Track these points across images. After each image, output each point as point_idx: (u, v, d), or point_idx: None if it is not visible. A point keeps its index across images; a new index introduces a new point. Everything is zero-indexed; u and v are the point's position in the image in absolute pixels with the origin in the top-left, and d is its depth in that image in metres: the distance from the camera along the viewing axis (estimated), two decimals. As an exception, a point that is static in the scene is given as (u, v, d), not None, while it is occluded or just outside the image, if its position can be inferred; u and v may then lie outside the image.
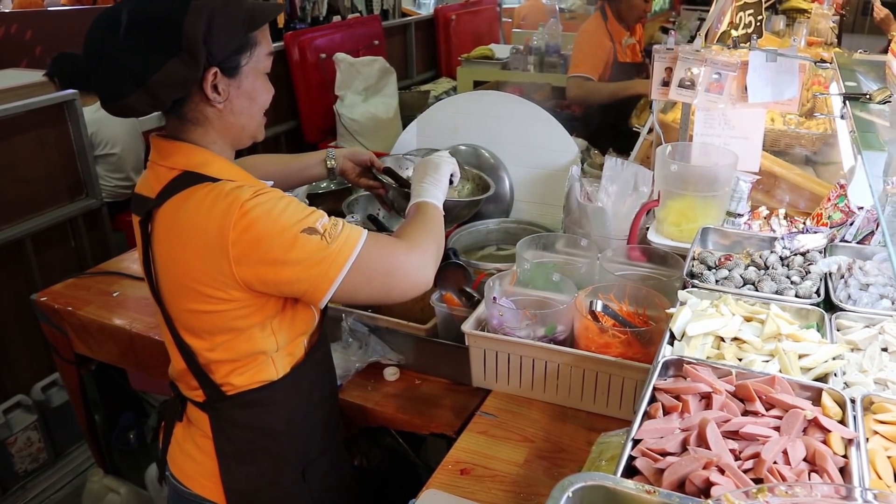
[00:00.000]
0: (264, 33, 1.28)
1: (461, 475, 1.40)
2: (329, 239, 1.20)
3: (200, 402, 1.37)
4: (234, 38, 1.22)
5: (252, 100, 1.29)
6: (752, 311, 1.34)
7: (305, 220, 1.20)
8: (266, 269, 1.19)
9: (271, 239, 1.17)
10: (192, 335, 1.30)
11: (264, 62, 1.28)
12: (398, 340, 1.82)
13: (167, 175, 1.25)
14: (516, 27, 6.82)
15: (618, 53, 3.58)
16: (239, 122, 1.30)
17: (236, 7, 1.22)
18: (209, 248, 1.18)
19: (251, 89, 1.27)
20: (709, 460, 0.88)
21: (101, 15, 1.20)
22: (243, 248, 1.17)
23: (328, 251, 1.19)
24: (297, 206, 1.22)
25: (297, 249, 1.18)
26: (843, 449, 0.96)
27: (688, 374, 1.10)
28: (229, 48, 1.21)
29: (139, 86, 1.16)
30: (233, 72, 1.24)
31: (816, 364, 1.19)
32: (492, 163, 2.26)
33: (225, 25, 1.19)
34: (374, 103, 4.18)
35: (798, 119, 2.36)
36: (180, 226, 1.21)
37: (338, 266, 1.20)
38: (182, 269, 1.23)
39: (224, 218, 1.17)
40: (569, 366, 1.53)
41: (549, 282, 1.70)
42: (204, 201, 1.19)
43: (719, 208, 1.83)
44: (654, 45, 1.99)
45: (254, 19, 1.24)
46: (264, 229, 1.17)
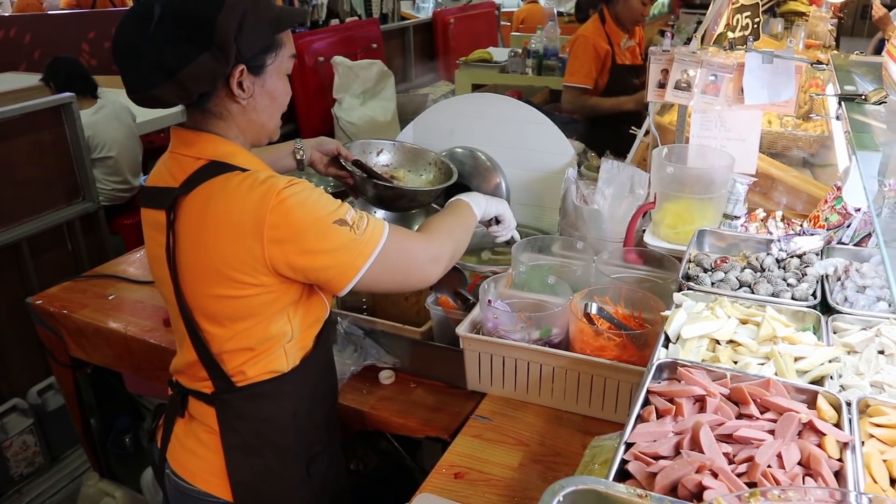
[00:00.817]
0: (288, 36, 1.33)
1: (455, 479, 1.39)
2: (357, 231, 1.26)
3: (207, 395, 1.38)
4: (263, 38, 1.26)
5: (273, 99, 1.33)
6: (747, 313, 1.33)
7: (337, 211, 1.25)
8: (298, 256, 1.24)
9: (306, 227, 1.22)
10: (211, 323, 1.32)
11: (287, 63, 1.33)
12: (393, 343, 1.81)
13: (193, 164, 1.28)
14: (515, 31, 6.84)
15: (616, 56, 3.54)
16: (260, 119, 1.33)
17: (266, 9, 1.26)
18: (244, 233, 1.22)
19: (273, 89, 1.32)
20: (702, 464, 0.87)
21: (132, 9, 1.24)
22: (279, 233, 1.21)
23: (357, 242, 1.26)
24: (327, 198, 1.27)
25: (330, 239, 1.24)
26: (838, 452, 0.95)
27: (682, 376, 1.09)
28: (257, 47, 1.26)
29: (168, 77, 1.19)
30: (258, 70, 1.28)
31: (812, 367, 1.18)
32: (488, 165, 2.25)
33: (255, 25, 1.24)
34: (372, 106, 4.18)
35: (795, 121, 2.35)
36: (214, 211, 1.24)
37: (364, 257, 1.27)
38: (212, 254, 1.25)
39: (261, 204, 1.20)
40: (564, 369, 1.52)
41: (545, 284, 1.69)
42: (240, 188, 1.23)
43: (716, 210, 1.82)
44: (650, 48, 1.98)
45: (280, 21, 1.29)
46: (300, 218, 1.22)
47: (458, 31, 5.73)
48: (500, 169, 2.25)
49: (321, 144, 1.83)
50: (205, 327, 1.33)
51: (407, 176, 2.06)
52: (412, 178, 2.05)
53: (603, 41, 3.51)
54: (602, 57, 3.51)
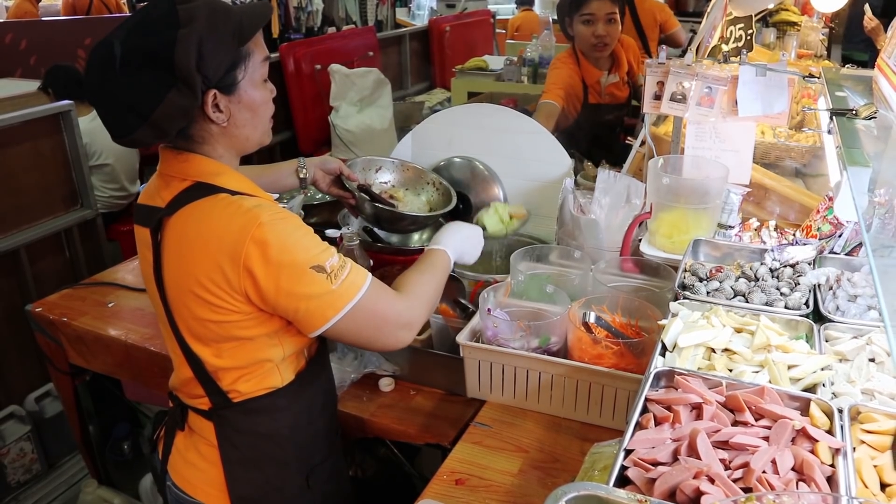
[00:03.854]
0: (256, 41, 1.27)
1: (456, 485, 1.41)
2: (334, 280, 1.23)
3: (205, 410, 1.38)
4: (227, 56, 1.21)
5: (253, 111, 1.29)
6: (742, 322, 1.36)
7: (317, 255, 1.23)
8: (270, 292, 1.22)
9: (281, 267, 1.20)
10: (199, 343, 1.32)
11: (260, 70, 1.28)
12: (393, 351, 1.83)
13: (179, 185, 1.27)
14: (510, 38, 6.88)
15: (589, 96, 3.18)
16: (243, 133, 1.31)
17: (224, 24, 1.20)
18: (222, 259, 1.21)
19: (251, 101, 1.28)
20: (699, 470, 0.90)
21: (95, 49, 1.21)
22: (254, 266, 1.20)
23: (330, 294, 1.23)
24: (311, 239, 1.25)
25: (303, 284, 1.21)
26: (830, 458, 0.97)
27: (679, 385, 1.12)
28: (223, 67, 1.21)
29: (143, 120, 1.18)
30: (231, 89, 1.24)
31: (805, 375, 1.21)
32: (486, 175, 2.28)
33: (215, 47, 1.19)
34: (369, 114, 4.20)
35: (787, 132, 2.39)
36: (195, 233, 1.23)
37: (335, 309, 1.24)
38: (192, 278, 1.24)
39: (241, 233, 1.19)
40: (562, 376, 1.54)
41: (543, 293, 1.71)
42: (223, 213, 1.22)
43: (711, 220, 1.86)
44: (646, 61, 2.02)
45: (243, 31, 1.22)
46: (276, 256, 1.19)
47: (453, 39, 5.76)
48: (498, 179, 2.28)
49: (324, 163, 1.83)
50: (194, 347, 1.32)
51: (406, 196, 2.09)
52: (411, 199, 2.08)
53: (577, 78, 3.16)
54: (576, 90, 3.16)
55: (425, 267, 1.49)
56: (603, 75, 3.17)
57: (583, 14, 3.02)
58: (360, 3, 7.13)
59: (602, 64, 3.18)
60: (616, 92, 3.23)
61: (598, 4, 2.98)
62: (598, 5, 2.98)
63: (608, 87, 3.19)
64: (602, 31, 3.03)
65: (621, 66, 3.22)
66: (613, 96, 3.23)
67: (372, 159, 2.09)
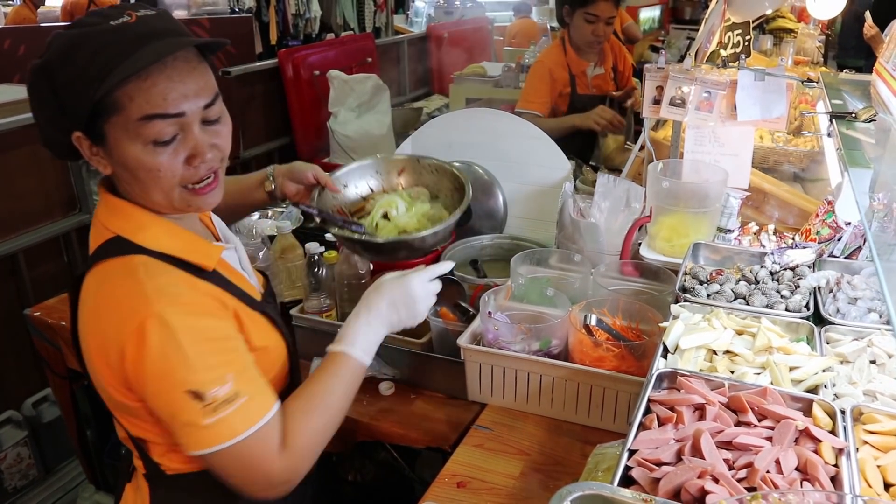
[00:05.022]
0: (141, 94, 1.02)
1: (458, 488, 1.41)
2: (210, 414, 1.04)
3: (143, 473, 1.26)
4: (82, 99, 1.01)
5: (129, 171, 1.08)
6: (743, 324, 1.36)
7: (201, 380, 1.04)
8: (140, 392, 1.09)
9: (152, 379, 1.05)
10: (118, 411, 1.19)
11: (144, 129, 1.03)
12: (393, 355, 1.83)
13: (102, 236, 1.14)
14: (507, 45, 6.91)
15: (577, 86, 3.26)
16: (135, 191, 1.13)
17: (85, 60, 1.00)
18: (107, 337, 1.08)
19: (123, 160, 1.07)
20: (703, 469, 0.90)
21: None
22: (127, 360, 1.06)
23: (198, 427, 1.04)
24: (205, 357, 1.05)
25: (170, 407, 1.05)
26: (833, 458, 0.98)
27: (681, 385, 1.12)
28: (83, 110, 1.02)
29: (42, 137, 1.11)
30: (99, 139, 1.07)
31: (807, 376, 1.21)
32: (486, 179, 2.28)
33: (68, 85, 1.02)
34: (368, 120, 4.21)
35: (786, 136, 2.41)
36: (93, 300, 1.11)
37: (198, 446, 1.06)
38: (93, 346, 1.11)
39: (127, 318, 1.05)
40: (563, 379, 1.54)
41: (544, 297, 1.72)
42: (120, 286, 1.08)
43: (710, 224, 1.86)
44: (645, 64, 2.03)
45: (111, 74, 0.99)
46: (152, 360, 1.04)
47: (451, 46, 5.78)
48: (498, 183, 2.28)
49: (292, 172, 1.55)
50: (116, 414, 1.20)
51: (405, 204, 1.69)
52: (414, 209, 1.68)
53: (562, 69, 3.24)
54: (559, 86, 3.24)
55: (324, 391, 1.20)
56: (589, 66, 3.27)
57: (587, 12, 3.09)
58: (357, 9, 7.17)
59: (590, 56, 3.28)
60: (602, 84, 3.33)
61: (604, 6, 3.06)
62: (604, 7, 3.07)
63: (594, 78, 3.29)
64: (601, 32, 3.13)
65: (607, 59, 3.34)
66: (600, 88, 3.32)
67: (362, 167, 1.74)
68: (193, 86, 1.06)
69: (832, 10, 3.51)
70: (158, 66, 1.02)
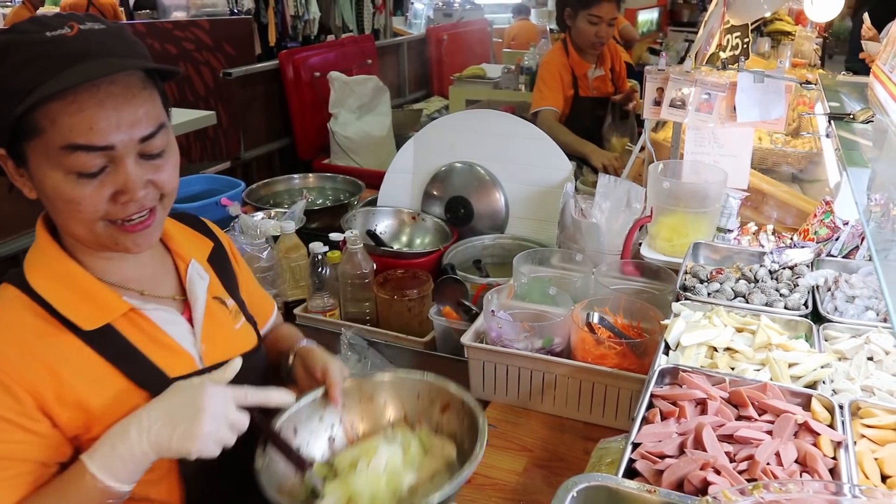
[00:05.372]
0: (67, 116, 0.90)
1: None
2: None
3: None
4: (4, 115, 0.91)
5: (49, 199, 0.97)
6: (743, 322, 1.39)
7: None
8: None
9: None
10: None
11: (64, 159, 0.91)
12: (396, 354, 1.85)
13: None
14: (506, 47, 6.94)
15: (580, 88, 3.30)
16: (58, 221, 1.02)
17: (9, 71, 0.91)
18: None
19: (43, 186, 0.95)
20: (706, 461, 0.92)
21: None
22: None
23: None
24: None
25: None
26: (832, 451, 1.00)
27: (683, 381, 1.14)
28: (3, 127, 0.92)
29: None
30: (20, 160, 0.96)
31: (806, 373, 1.23)
32: (487, 180, 2.31)
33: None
34: (368, 121, 4.23)
35: (784, 138, 2.43)
36: None
37: None
38: None
39: None
40: (566, 377, 1.57)
41: (546, 295, 1.74)
42: None
43: (710, 224, 1.89)
44: (645, 66, 2.05)
45: (33, 92, 0.88)
46: None
47: (451, 48, 5.81)
48: (499, 183, 2.31)
49: (307, 357, 1.25)
50: None
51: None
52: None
53: (566, 72, 3.27)
54: (565, 87, 3.27)
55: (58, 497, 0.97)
56: (590, 68, 3.32)
57: (591, 14, 3.13)
58: (356, 11, 7.18)
59: (590, 58, 3.33)
60: (602, 86, 3.38)
61: (607, 8, 3.10)
62: (607, 9, 3.10)
63: (594, 80, 3.34)
64: (603, 33, 3.17)
65: (606, 61, 3.39)
66: (600, 90, 3.37)
67: (370, 380, 1.25)
68: (129, 116, 0.93)
69: (829, 12, 3.54)
70: (90, 89, 0.90)
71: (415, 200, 2.42)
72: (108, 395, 1.01)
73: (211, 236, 1.30)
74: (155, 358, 1.07)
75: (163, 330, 1.10)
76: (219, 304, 1.21)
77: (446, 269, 2.02)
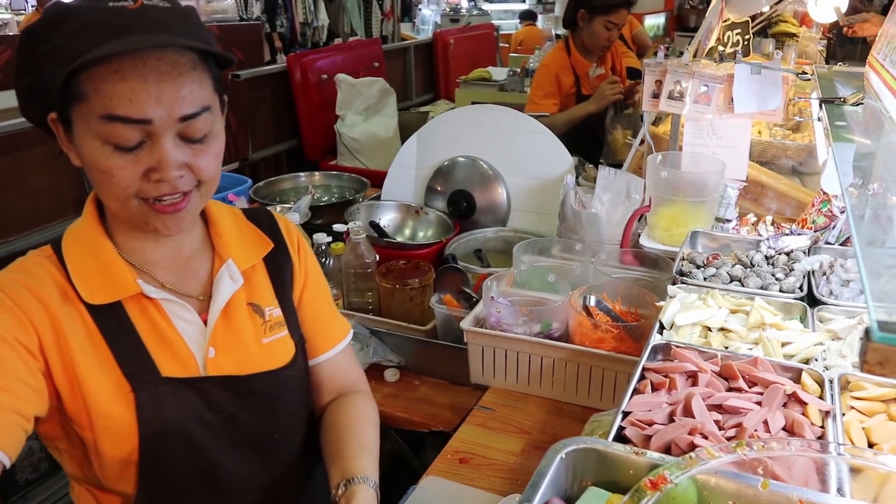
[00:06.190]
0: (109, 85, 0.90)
1: (460, 464, 1.45)
2: None
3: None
4: (57, 78, 0.91)
5: (88, 169, 0.97)
6: (737, 303, 1.40)
7: None
8: None
9: None
10: None
11: (102, 128, 0.92)
12: (398, 342, 1.87)
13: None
14: (513, 52, 6.98)
15: (582, 86, 3.38)
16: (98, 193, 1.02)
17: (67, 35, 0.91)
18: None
19: (82, 153, 0.96)
20: (693, 427, 0.94)
21: None
22: None
23: None
24: None
25: None
26: (820, 420, 1.02)
27: (675, 355, 1.16)
28: (54, 89, 0.92)
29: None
30: (67, 124, 0.96)
31: (798, 351, 1.25)
32: (490, 174, 2.34)
33: (46, 58, 0.93)
34: (375, 123, 4.27)
35: (784, 131, 2.44)
36: None
37: None
38: None
39: None
40: (564, 361, 1.58)
41: (545, 283, 1.76)
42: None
43: (708, 214, 1.90)
44: (645, 60, 2.08)
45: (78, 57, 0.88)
46: None
47: (457, 52, 5.84)
48: (501, 177, 2.33)
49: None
50: None
51: None
52: None
53: (567, 73, 3.35)
54: (566, 89, 3.35)
55: None
56: (592, 67, 3.40)
57: (609, 20, 3.21)
58: (365, 18, 7.26)
59: (592, 57, 3.41)
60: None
61: (624, 14, 3.22)
62: (623, 15, 3.22)
63: (595, 78, 3.40)
64: (614, 37, 3.30)
65: (607, 61, 3.48)
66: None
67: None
68: (171, 93, 0.92)
69: (833, 13, 3.55)
70: (135, 61, 0.90)
71: (418, 195, 2.45)
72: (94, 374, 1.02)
73: (276, 237, 1.23)
74: (153, 350, 1.05)
75: (172, 323, 1.08)
76: (251, 311, 1.16)
77: (447, 259, 2.05)
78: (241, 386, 1.11)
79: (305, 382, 1.25)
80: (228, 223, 1.18)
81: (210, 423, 1.09)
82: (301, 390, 1.23)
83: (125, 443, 1.03)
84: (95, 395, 1.01)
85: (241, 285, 1.14)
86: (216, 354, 1.10)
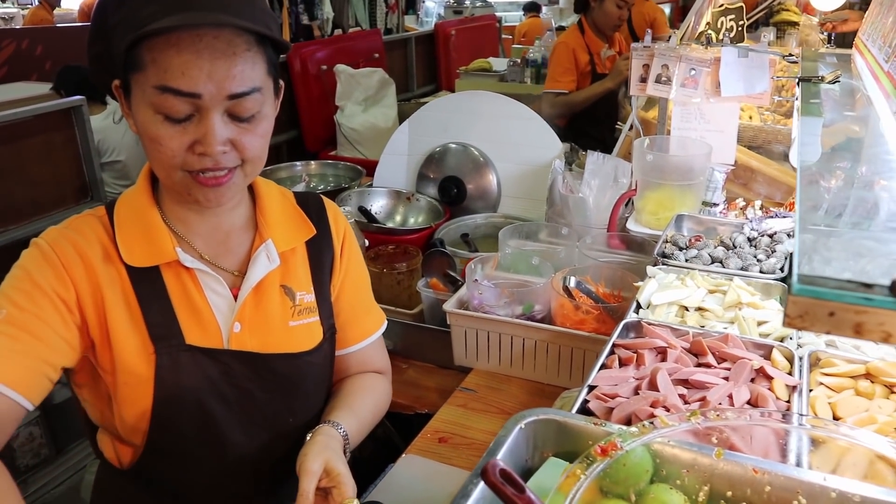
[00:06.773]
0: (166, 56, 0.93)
1: (439, 443, 1.46)
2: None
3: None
4: (122, 46, 0.95)
5: (142, 136, 1.01)
6: (716, 284, 1.40)
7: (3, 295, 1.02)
8: None
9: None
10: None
11: (155, 98, 0.95)
12: (386, 326, 1.87)
13: None
14: (516, 44, 6.96)
15: (596, 66, 3.52)
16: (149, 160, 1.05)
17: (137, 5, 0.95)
18: None
19: (136, 120, 1.01)
20: (656, 399, 0.94)
21: None
22: None
23: None
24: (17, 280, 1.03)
25: None
26: (786, 395, 1.02)
27: (646, 332, 1.16)
28: (118, 57, 0.97)
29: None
30: (127, 91, 1.00)
31: (773, 330, 1.25)
32: (481, 160, 2.34)
33: (116, 26, 0.97)
34: (374, 113, 4.28)
35: (774, 116, 2.43)
36: None
37: None
38: None
39: None
40: (545, 342, 1.59)
41: (530, 267, 1.76)
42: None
43: (695, 197, 1.90)
44: (632, 44, 2.07)
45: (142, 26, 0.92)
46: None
47: (459, 43, 5.83)
48: (491, 163, 2.34)
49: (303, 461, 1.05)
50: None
51: None
52: None
53: (583, 51, 3.49)
54: (582, 66, 3.48)
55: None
56: (604, 48, 3.55)
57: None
58: (369, 11, 7.25)
59: (604, 38, 3.57)
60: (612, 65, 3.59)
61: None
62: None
63: (607, 59, 3.55)
64: (625, 17, 3.47)
65: (615, 44, 3.65)
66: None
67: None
68: (223, 70, 0.94)
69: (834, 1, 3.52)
70: (193, 37, 0.93)
71: (409, 181, 2.46)
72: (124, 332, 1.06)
73: (321, 224, 1.24)
74: (182, 317, 1.08)
75: (204, 294, 1.10)
76: (282, 293, 1.17)
77: (435, 244, 2.06)
78: (261, 364, 1.13)
79: (328, 370, 1.25)
80: (275, 204, 1.20)
81: (226, 396, 1.11)
82: (322, 378, 1.24)
83: (141, 400, 1.07)
84: (123, 351, 1.05)
85: (276, 266, 1.16)
86: (241, 330, 1.12)
